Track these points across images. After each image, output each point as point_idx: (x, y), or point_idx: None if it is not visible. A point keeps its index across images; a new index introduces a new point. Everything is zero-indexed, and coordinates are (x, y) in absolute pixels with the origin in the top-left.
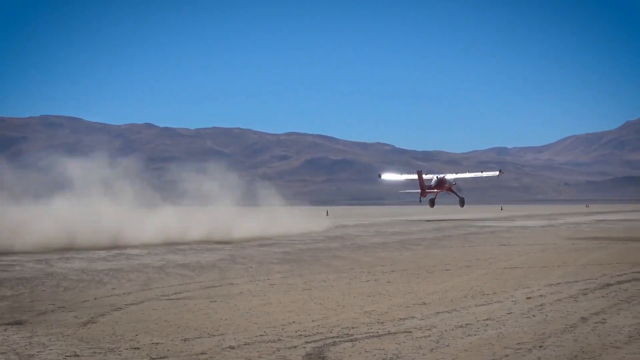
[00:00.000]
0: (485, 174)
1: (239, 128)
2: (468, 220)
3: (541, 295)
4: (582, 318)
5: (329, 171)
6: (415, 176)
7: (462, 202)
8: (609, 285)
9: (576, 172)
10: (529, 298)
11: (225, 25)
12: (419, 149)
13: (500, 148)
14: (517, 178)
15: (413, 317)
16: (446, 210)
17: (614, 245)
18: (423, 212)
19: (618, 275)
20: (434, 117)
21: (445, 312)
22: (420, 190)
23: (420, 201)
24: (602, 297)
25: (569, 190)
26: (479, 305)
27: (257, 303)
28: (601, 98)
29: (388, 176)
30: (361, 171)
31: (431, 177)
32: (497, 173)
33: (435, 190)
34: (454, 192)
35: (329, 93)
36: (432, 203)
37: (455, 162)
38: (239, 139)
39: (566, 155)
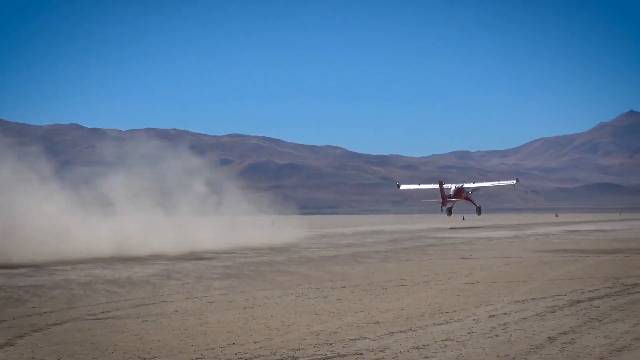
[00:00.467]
0: (502, 182)
1: (175, 129)
2: (426, 230)
3: (505, 313)
4: (550, 338)
5: (274, 176)
6: (430, 186)
7: (479, 210)
8: (579, 302)
9: (545, 178)
10: (491, 316)
11: (163, 22)
12: (374, 152)
13: (462, 152)
14: None
15: (365, 338)
16: (403, 220)
17: (585, 258)
18: (379, 221)
19: (589, 291)
20: (389, 119)
21: (400, 332)
22: (441, 199)
23: (441, 210)
24: (572, 315)
25: (537, 198)
26: (438, 325)
27: (193, 322)
28: (572, 98)
29: (406, 187)
30: (310, 176)
31: (449, 187)
32: (514, 182)
33: (454, 199)
34: (471, 201)
35: (274, 93)
36: (449, 212)
37: (414, 167)
38: (175, 141)
39: (534, 160)
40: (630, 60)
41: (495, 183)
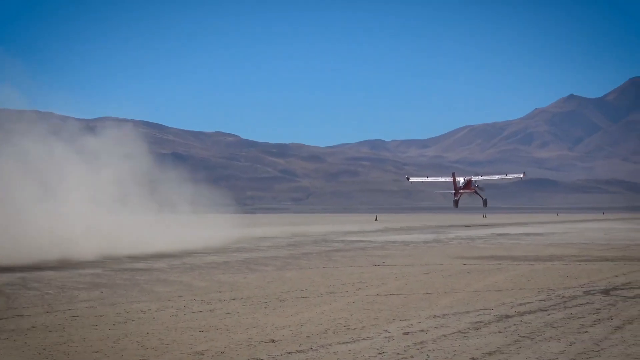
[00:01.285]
0: (509, 175)
1: (35, 110)
2: (333, 233)
3: (422, 330)
4: (473, 359)
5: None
6: (439, 178)
7: (485, 203)
8: (507, 317)
9: (471, 172)
10: (406, 334)
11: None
12: (272, 141)
13: (376, 141)
14: (397, 180)
15: (257, 359)
16: (307, 220)
17: (515, 266)
18: (279, 221)
19: (519, 305)
20: (291, 104)
21: (300, 351)
22: (454, 191)
23: (456, 202)
24: (499, 332)
25: (463, 196)
26: (343, 343)
27: (54, 341)
28: (503, 81)
29: (416, 179)
30: (197, 168)
31: (458, 180)
32: (522, 175)
33: (463, 191)
34: (478, 194)
35: (156, 72)
36: (456, 204)
37: (318, 158)
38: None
39: (459, 151)
40: (570, 38)
41: (502, 176)
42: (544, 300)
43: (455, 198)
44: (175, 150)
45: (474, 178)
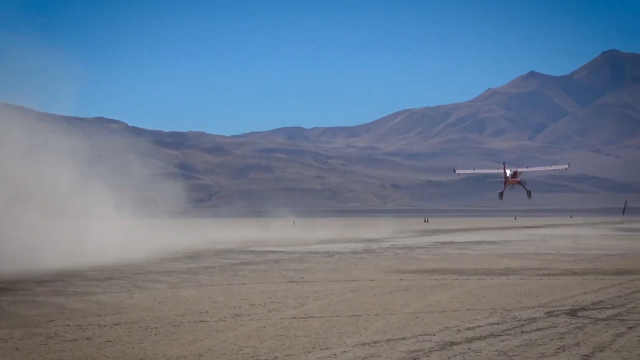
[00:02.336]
0: (554, 167)
1: None
2: (241, 242)
3: None
4: None
5: None
6: (486, 171)
7: (529, 194)
8: (452, 344)
9: (410, 167)
10: None
11: None
12: (166, 129)
13: (293, 129)
14: (319, 176)
15: None
16: (210, 226)
17: (463, 282)
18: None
19: (467, 329)
20: (190, 88)
21: None
22: (504, 180)
23: (501, 194)
24: None
25: (400, 196)
26: None
27: None
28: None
29: (462, 171)
30: None
31: (499, 172)
32: (566, 167)
33: (512, 180)
34: (523, 185)
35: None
36: (501, 195)
37: (222, 150)
38: None
39: (395, 141)
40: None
41: (548, 168)
42: (497, 324)
43: (501, 190)
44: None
45: (519, 169)
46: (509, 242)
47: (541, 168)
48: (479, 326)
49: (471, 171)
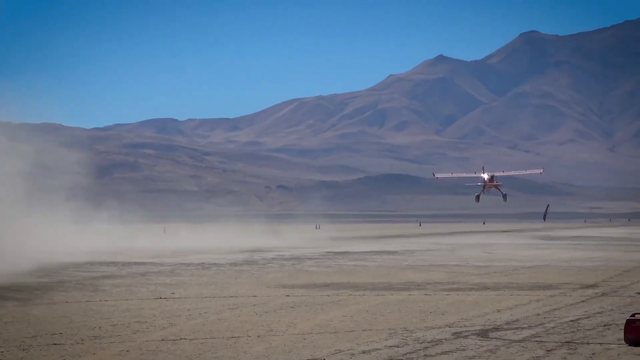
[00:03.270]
0: (528, 171)
1: None
2: (104, 252)
3: None
4: None
5: None
6: (465, 175)
7: (505, 197)
8: None
9: (299, 165)
10: None
11: None
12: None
13: (164, 121)
14: (195, 176)
15: None
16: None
17: (359, 298)
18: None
19: (362, 353)
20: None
21: None
22: (483, 184)
23: (478, 197)
24: None
25: (287, 198)
26: None
27: None
28: (350, 44)
29: (442, 175)
30: None
31: (483, 175)
32: (540, 171)
33: (489, 184)
34: (498, 189)
35: None
36: (477, 198)
37: (81, 145)
38: None
39: (283, 135)
40: None
41: (522, 172)
42: (397, 346)
43: (478, 193)
44: None
45: (496, 174)
46: (412, 252)
47: (516, 172)
48: (376, 349)
49: (450, 175)
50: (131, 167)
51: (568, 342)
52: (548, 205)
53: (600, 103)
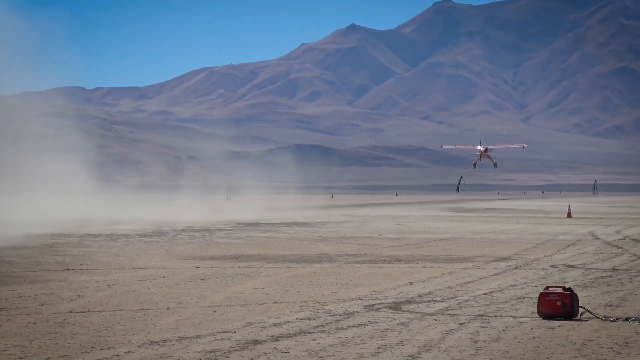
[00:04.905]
0: (513, 145)
1: None
2: (9, 221)
3: None
4: None
5: None
6: (465, 147)
7: (495, 165)
8: (256, 342)
9: (210, 135)
10: None
11: None
12: None
13: (71, 90)
14: (103, 145)
15: None
16: None
17: (270, 270)
18: None
19: (273, 325)
20: None
21: None
22: (479, 154)
23: (475, 164)
24: None
25: (198, 169)
26: None
27: None
28: (260, 14)
29: (448, 146)
30: None
31: (480, 147)
32: (524, 146)
33: (484, 155)
34: (490, 158)
35: None
36: (474, 165)
37: None
38: None
39: (193, 104)
40: None
41: (509, 146)
42: (309, 319)
43: (475, 162)
44: None
45: (489, 147)
46: (325, 223)
47: (503, 146)
48: (288, 322)
49: (454, 146)
50: (35, 137)
51: (481, 315)
52: (461, 177)
53: (513, 74)
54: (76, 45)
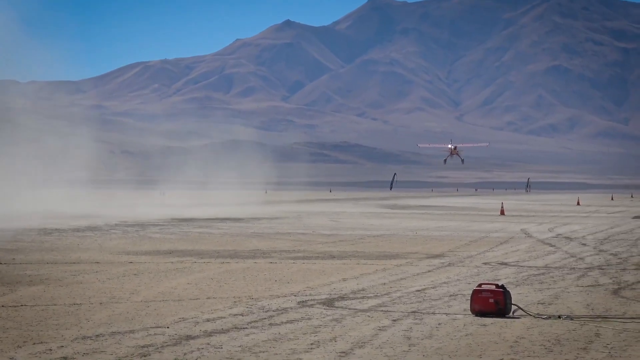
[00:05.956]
0: (478, 144)
1: None
2: None
3: (65, 359)
4: None
5: None
6: (438, 145)
7: (462, 161)
8: (189, 338)
9: (144, 130)
10: None
11: None
12: None
13: (5, 83)
14: (35, 140)
15: None
16: None
17: (204, 265)
18: None
19: (207, 321)
20: None
21: None
22: (450, 151)
23: (445, 160)
24: None
25: (132, 164)
26: None
27: None
28: (196, 6)
29: (424, 145)
30: None
31: (451, 146)
32: (486, 144)
33: (454, 152)
34: (458, 155)
35: None
36: (445, 161)
37: None
38: None
39: (128, 99)
40: None
41: (473, 144)
42: (242, 315)
43: (445, 158)
44: None
45: (458, 145)
46: (258, 219)
47: (469, 145)
48: (221, 317)
49: (428, 145)
50: None
51: (414, 312)
52: (395, 174)
53: (448, 71)
54: (8, 38)
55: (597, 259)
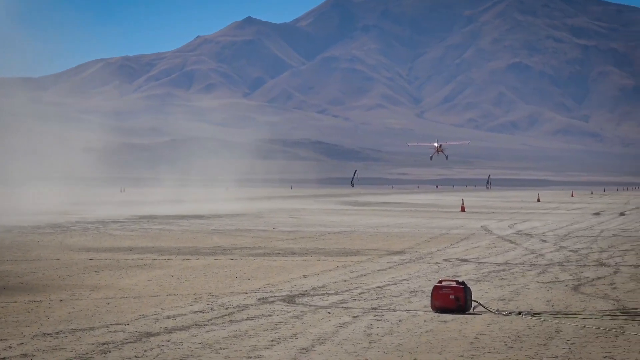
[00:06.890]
0: (460, 142)
1: None
2: None
3: (24, 356)
4: None
5: None
6: (425, 144)
7: (447, 157)
8: (149, 335)
9: (106, 127)
10: None
11: None
12: None
13: None
14: None
15: None
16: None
17: (164, 262)
18: None
19: (167, 318)
20: None
21: None
22: (436, 149)
23: (431, 157)
24: (135, 356)
25: (93, 162)
26: None
27: None
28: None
29: (413, 144)
30: None
31: (436, 144)
32: (468, 142)
33: (439, 150)
34: (443, 152)
35: None
36: (431, 158)
37: None
38: None
39: (90, 95)
40: None
41: (455, 142)
42: (203, 312)
43: (431, 155)
44: None
45: (442, 144)
46: (219, 216)
47: (451, 143)
48: (181, 314)
49: (416, 144)
50: None
51: (375, 308)
52: (356, 170)
53: (409, 68)
54: None
55: (557, 256)
